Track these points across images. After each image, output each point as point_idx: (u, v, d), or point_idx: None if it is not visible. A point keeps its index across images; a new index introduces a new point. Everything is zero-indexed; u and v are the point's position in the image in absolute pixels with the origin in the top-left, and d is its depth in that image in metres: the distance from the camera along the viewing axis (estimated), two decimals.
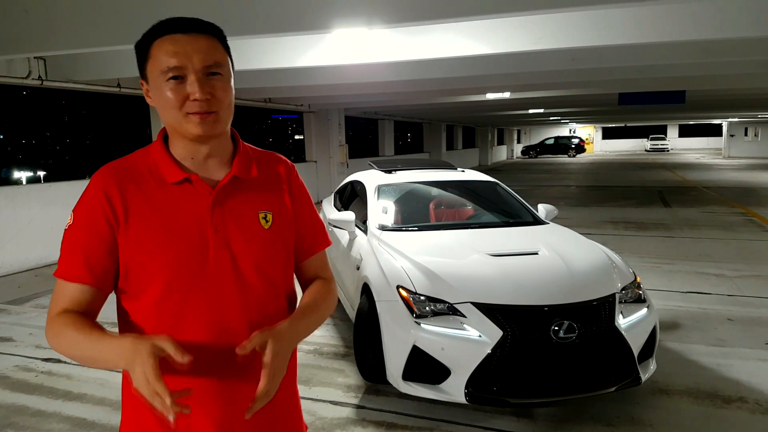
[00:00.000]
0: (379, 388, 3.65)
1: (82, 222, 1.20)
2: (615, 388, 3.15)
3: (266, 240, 1.27)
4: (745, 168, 24.82)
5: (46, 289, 6.43)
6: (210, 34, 1.20)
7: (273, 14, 4.15)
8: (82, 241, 1.19)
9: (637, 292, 3.54)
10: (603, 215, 11.27)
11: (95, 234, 1.19)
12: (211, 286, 1.20)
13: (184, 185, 1.22)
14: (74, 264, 1.19)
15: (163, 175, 1.22)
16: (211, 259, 1.20)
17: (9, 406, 3.56)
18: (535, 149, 40.01)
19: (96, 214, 1.19)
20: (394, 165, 5.54)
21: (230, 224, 1.23)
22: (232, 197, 1.25)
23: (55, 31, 4.68)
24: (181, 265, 1.18)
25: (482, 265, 3.52)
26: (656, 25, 5.04)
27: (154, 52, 1.18)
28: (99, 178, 1.23)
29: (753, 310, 5.14)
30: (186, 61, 1.16)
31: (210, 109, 1.18)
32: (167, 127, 1.25)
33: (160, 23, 1.20)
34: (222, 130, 1.24)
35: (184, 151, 1.24)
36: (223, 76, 1.20)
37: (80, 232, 1.20)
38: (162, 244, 1.18)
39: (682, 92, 12.49)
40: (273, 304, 1.29)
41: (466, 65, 7.36)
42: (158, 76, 1.17)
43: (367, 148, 33.36)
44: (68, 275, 1.20)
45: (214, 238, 1.21)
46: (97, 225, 1.19)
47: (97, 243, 1.19)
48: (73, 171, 49.64)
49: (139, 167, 1.24)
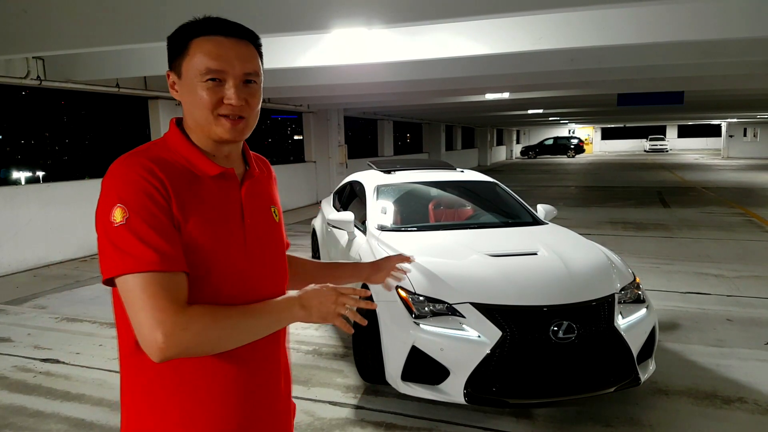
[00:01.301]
0: (378, 388, 3.65)
1: (145, 207, 1.08)
2: (614, 389, 3.14)
3: (277, 232, 1.35)
4: (744, 168, 24.85)
5: (45, 289, 6.42)
6: (249, 41, 1.22)
7: (272, 14, 4.15)
8: (158, 226, 1.08)
9: (637, 293, 3.53)
10: (602, 216, 11.27)
11: (165, 217, 1.09)
12: (251, 278, 1.24)
13: (220, 179, 1.23)
14: (167, 252, 1.07)
15: (201, 168, 1.21)
16: (249, 250, 1.24)
17: (7, 407, 3.55)
18: (534, 150, 40.03)
19: (155, 197, 1.09)
20: (393, 165, 5.54)
21: (257, 216, 1.28)
22: (253, 192, 1.30)
23: (53, 31, 4.68)
24: (229, 255, 1.20)
25: (481, 266, 3.51)
26: (655, 25, 5.04)
27: (193, 49, 1.18)
28: (137, 163, 1.12)
29: (752, 311, 5.14)
30: (227, 66, 1.17)
31: (242, 114, 1.20)
32: (191, 122, 1.23)
33: (202, 21, 1.20)
34: (247, 136, 1.27)
35: (205, 147, 1.25)
36: (257, 84, 1.24)
37: (149, 218, 1.07)
38: (209, 236, 1.16)
39: (681, 93, 12.51)
40: (282, 293, 1.33)
41: (466, 65, 7.36)
42: (195, 75, 1.17)
43: (367, 149, 33.35)
44: (165, 265, 1.06)
45: (249, 230, 1.25)
46: (162, 207, 1.09)
47: (171, 227, 1.10)
48: (72, 171, 49.63)
49: (167, 158, 1.18)
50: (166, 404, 1.17)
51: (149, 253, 1.05)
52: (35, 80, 7.18)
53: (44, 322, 5.24)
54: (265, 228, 1.30)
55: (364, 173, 5.43)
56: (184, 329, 1.06)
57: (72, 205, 7.91)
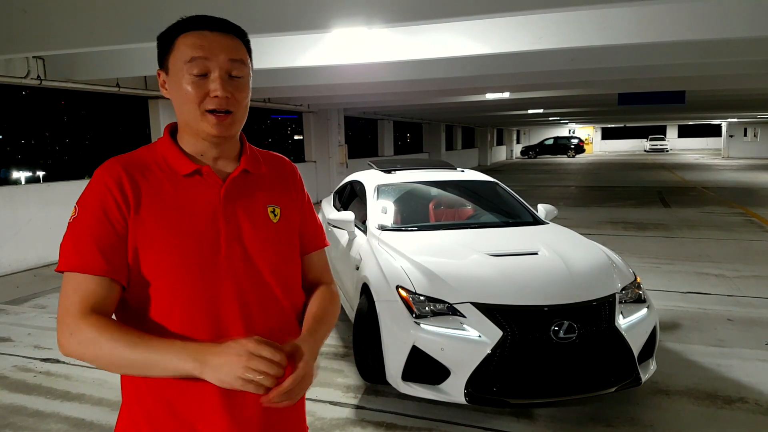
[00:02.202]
0: (378, 388, 3.64)
1: (91, 212, 1.14)
2: (615, 389, 3.14)
3: (274, 233, 1.28)
4: (744, 168, 24.84)
5: (45, 289, 6.42)
6: (235, 35, 1.22)
7: (272, 14, 4.15)
8: (94, 230, 1.13)
9: (637, 293, 3.53)
10: (602, 215, 11.26)
11: (107, 223, 1.13)
12: (222, 278, 1.19)
13: (195, 177, 1.22)
14: (88, 255, 1.11)
15: (173, 167, 1.21)
16: (223, 250, 1.19)
17: (7, 407, 3.55)
18: (535, 149, 40.01)
19: (106, 203, 1.14)
20: (394, 165, 5.53)
21: (241, 216, 1.23)
22: (243, 190, 1.26)
23: (53, 31, 4.67)
24: (192, 256, 1.16)
25: (482, 266, 3.51)
26: (656, 25, 5.03)
27: (178, 44, 1.18)
28: (105, 169, 1.18)
29: (753, 311, 5.13)
30: (210, 55, 1.17)
31: (228, 107, 1.18)
32: (181, 122, 1.24)
33: (188, 19, 1.20)
34: (236, 132, 1.25)
35: (194, 147, 1.24)
36: (244, 78, 1.22)
37: (90, 221, 1.13)
38: (174, 235, 1.16)
39: (682, 92, 12.50)
40: (283, 298, 1.28)
41: (466, 65, 7.36)
42: (180, 68, 1.17)
43: (367, 148, 33.35)
44: (84, 267, 1.11)
45: (225, 230, 1.20)
46: (109, 213, 1.13)
47: (109, 232, 1.13)
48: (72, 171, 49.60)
49: (146, 160, 1.22)
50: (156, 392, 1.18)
51: (74, 255, 1.12)
52: (35, 80, 7.17)
53: (44, 321, 5.24)
54: (258, 229, 1.24)
55: (365, 173, 5.43)
56: (71, 335, 1.10)
57: (72, 205, 7.86)
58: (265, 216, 1.27)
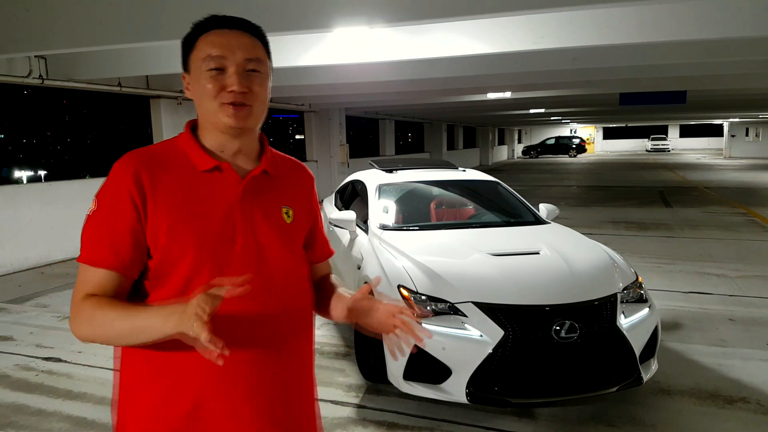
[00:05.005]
0: (379, 387, 3.65)
1: (108, 206, 1.18)
2: (616, 389, 3.14)
3: (287, 233, 1.31)
4: (746, 168, 24.81)
5: (47, 288, 6.42)
6: (253, 34, 1.25)
7: (273, 13, 4.15)
8: (108, 225, 1.17)
9: (639, 292, 3.53)
10: (604, 215, 11.25)
11: (121, 218, 1.16)
12: (237, 273, 1.19)
13: (214, 173, 1.24)
14: (100, 249, 1.17)
15: (193, 162, 1.23)
16: (239, 246, 1.22)
17: (9, 405, 3.55)
18: (536, 149, 39.99)
19: (122, 198, 1.16)
20: (395, 164, 5.53)
21: (257, 214, 1.26)
22: (260, 189, 1.28)
23: (55, 30, 4.68)
24: (208, 250, 1.19)
25: (483, 265, 3.51)
26: (657, 24, 5.03)
27: (198, 44, 1.22)
28: (124, 162, 1.20)
29: (754, 311, 5.13)
30: (227, 52, 1.19)
31: (244, 101, 1.21)
32: (201, 118, 1.27)
33: (208, 19, 1.23)
34: (255, 125, 1.27)
35: (215, 142, 1.26)
36: (262, 74, 1.25)
37: (106, 216, 1.17)
38: (190, 227, 1.18)
39: (683, 92, 12.48)
40: (295, 296, 1.32)
41: (467, 65, 7.36)
42: (199, 65, 1.21)
43: (368, 148, 33.37)
44: (94, 260, 1.17)
45: (242, 226, 1.23)
46: (124, 209, 1.16)
47: (124, 227, 1.16)
48: (73, 170, 49.70)
49: (166, 154, 1.24)
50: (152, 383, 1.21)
51: (86, 248, 1.18)
52: (37, 79, 7.18)
53: (46, 320, 5.25)
54: (272, 227, 1.27)
55: (366, 172, 5.42)
56: (74, 318, 1.17)
57: (74, 204, 7.91)
58: (279, 216, 1.30)
